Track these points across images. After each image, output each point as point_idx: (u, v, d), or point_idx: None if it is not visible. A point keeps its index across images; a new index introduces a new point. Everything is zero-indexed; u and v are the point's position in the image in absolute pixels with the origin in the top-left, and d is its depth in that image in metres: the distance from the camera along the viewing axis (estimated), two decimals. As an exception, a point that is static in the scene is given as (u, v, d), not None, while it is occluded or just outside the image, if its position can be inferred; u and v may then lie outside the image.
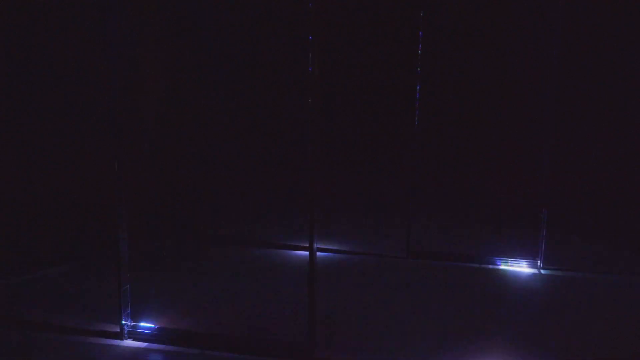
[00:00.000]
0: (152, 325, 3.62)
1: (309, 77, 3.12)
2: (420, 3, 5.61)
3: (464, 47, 7.30)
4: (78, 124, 5.31)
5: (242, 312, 4.05)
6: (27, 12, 4.85)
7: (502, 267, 5.35)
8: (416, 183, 5.77)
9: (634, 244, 6.13)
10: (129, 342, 3.51)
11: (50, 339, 3.55)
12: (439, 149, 7.33)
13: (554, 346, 3.52)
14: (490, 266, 5.39)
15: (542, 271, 5.23)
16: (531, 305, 4.34)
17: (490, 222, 7.24)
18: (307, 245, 3.25)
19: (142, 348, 3.45)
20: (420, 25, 5.56)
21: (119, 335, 3.55)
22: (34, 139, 4.96)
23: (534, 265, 5.29)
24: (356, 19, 7.67)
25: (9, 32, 4.72)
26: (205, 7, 6.87)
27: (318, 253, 3.66)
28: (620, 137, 6.60)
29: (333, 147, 7.56)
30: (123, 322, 3.57)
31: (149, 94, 6.25)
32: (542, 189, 5.23)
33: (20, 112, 4.84)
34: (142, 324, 3.64)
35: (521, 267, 5.31)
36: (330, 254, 5.77)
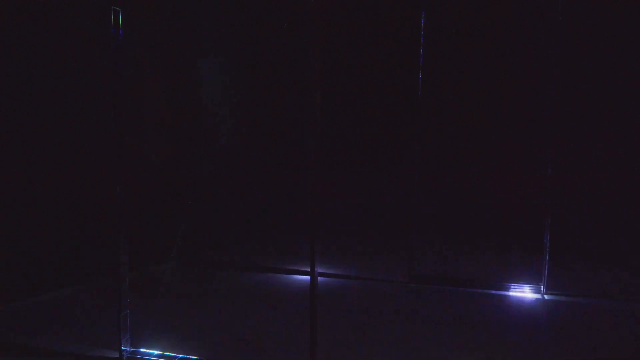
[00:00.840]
0: (152, 351, 3.59)
1: (311, 103, 3.11)
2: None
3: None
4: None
5: (242, 336, 4.02)
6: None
7: (505, 292, 5.28)
8: (418, 208, 5.73)
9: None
10: (128, 369, 3.51)
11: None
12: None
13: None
14: (493, 291, 5.31)
15: (546, 296, 5.14)
16: (535, 334, 4.24)
17: (493, 244, 7.11)
18: (307, 269, 3.20)
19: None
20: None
21: (118, 361, 3.54)
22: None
23: (537, 290, 5.21)
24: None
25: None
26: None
27: (318, 278, 3.61)
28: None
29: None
30: (122, 347, 3.55)
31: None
32: (545, 208, 5.16)
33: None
34: (142, 349, 3.61)
35: (524, 292, 5.23)
36: (330, 279, 5.72)
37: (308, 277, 3.24)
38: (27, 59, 4.85)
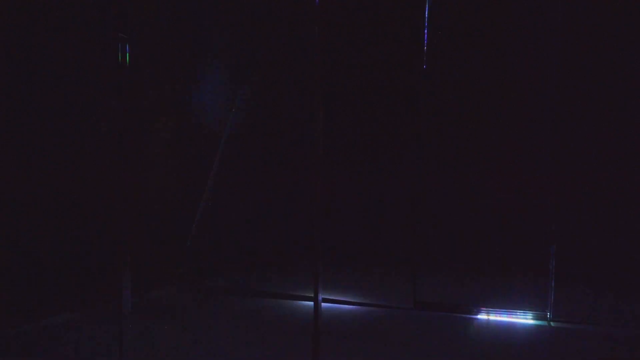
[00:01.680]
0: None
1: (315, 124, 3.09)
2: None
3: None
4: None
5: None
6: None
7: (510, 319, 5.22)
8: (421, 231, 5.70)
9: None
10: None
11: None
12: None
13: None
14: (498, 318, 5.25)
15: (552, 323, 5.07)
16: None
17: (498, 269, 6.97)
18: (311, 294, 3.16)
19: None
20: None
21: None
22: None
23: (543, 317, 5.14)
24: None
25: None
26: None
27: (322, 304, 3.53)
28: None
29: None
30: None
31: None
32: (551, 233, 5.11)
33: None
34: None
35: (530, 319, 5.16)
36: (333, 305, 5.66)
37: (312, 303, 3.18)
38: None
